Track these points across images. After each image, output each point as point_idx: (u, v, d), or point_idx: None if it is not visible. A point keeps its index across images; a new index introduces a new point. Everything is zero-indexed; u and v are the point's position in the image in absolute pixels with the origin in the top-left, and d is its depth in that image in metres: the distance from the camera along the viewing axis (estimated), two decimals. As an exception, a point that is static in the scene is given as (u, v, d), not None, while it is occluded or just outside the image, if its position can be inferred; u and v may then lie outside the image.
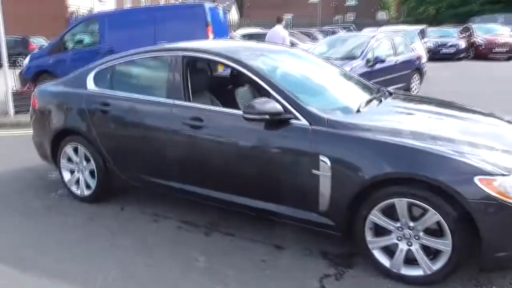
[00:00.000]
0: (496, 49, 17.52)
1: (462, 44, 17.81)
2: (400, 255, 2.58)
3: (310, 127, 2.72)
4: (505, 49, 17.50)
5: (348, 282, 2.66)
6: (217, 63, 3.68)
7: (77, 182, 3.95)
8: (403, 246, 2.57)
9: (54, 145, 3.97)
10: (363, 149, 2.57)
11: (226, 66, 3.37)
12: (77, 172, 3.93)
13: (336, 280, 2.68)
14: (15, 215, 3.76)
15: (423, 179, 2.37)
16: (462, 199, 2.31)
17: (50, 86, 4.22)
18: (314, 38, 17.43)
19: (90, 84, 3.79)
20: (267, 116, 2.74)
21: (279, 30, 8.70)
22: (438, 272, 2.50)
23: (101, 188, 3.81)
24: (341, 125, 2.70)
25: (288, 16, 41.55)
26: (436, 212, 2.39)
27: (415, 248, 2.54)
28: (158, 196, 3.91)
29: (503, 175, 2.31)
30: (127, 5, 40.85)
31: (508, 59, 17.56)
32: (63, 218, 3.65)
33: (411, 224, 2.51)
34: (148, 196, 3.97)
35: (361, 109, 2.99)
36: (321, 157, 2.64)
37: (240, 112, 2.95)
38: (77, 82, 3.89)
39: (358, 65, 7.49)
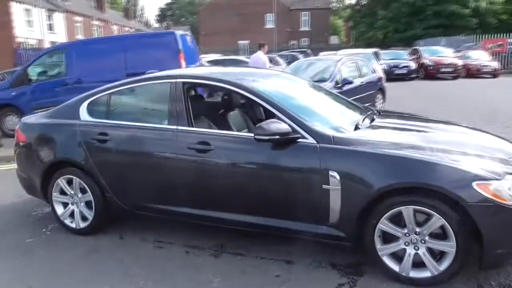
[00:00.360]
0: (443, 69, 18.80)
1: (413, 65, 19.02)
2: (408, 259, 2.77)
3: (318, 144, 2.89)
4: (451, 69, 18.82)
5: (366, 286, 2.81)
6: (218, 88, 3.81)
7: (71, 215, 3.88)
8: (410, 250, 2.77)
9: (45, 178, 3.89)
10: (370, 162, 2.77)
11: (228, 91, 3.52)
12: (71, 204, 3.86)
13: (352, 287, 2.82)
14: (11, 254, 3.61)
15: (430, 188, 2.59)
16: (464, 203, 2.54)
17: (36, 118, 4.15)
18: (276, 63, 17.95)
19: (84, 115, 3.79)
20: (277, 137, 2.89)
21: (260, 55, 9.16)
22: (444, 273, 2.70)
23: (99, 219, 3.77)
24: (346, 141, 2.91)
25: (245, 42, 42.63)
26: (441, 217, 2.61)
27: (422, 251, 2.74)
28: (156, 222, 3.91)
29: (496, 179, 2.58)
30: (79, 35, 40.36)
31: (454, 78, 18.89)
32: (64, 253, 3.56)
33: (417, 229, 2.72)
34: (145, 224, 3.96)
35: (359, 127, 3.21)
36: (331, 172, 2.81)
37: (248, 134, 3.10)
38: (68, 113, 3.88)
39: (328, 87, 7.82)
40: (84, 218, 3.82)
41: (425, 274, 2.75)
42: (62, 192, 3.88)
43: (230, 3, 46.13)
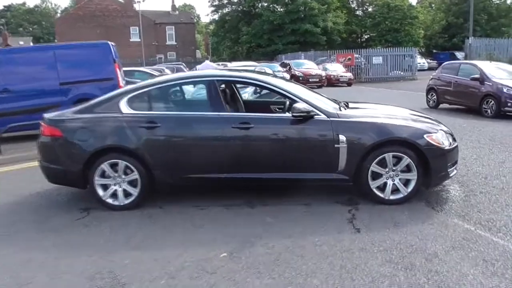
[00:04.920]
0: (311, 79, 22.11)
1: (287, 76, 21.80)
2: (389, 188, 4.40)
3: (329, 119, 4.35)
4: (317, 79, 22.27)
5: (365, 209, 4.34)
6: (248, 84, 5.00)
7: (113, 195, 4.56)
8: (390, 182, 4.41)
9: (86, 165, 4.50)
10: (364, 128, 4.34)
11: (257, 86, 4.72)
12: (114, 185, 4.55)
13: (357, 210, 4.33)
14: (72, 229, 4.19)
15: (401, 139, 4.28)
16: (420, 147, 4.28)
17: (67, 114, 4.69)
18: (164, 74, 18.85)
19: (124, 108, 4.54)
20: (305, 114, 4.26)
21: (209, 62, 10.70)
22: (410, 193, 4.40)
23: (143, 194, 4.55)
24: (346, 116, 4.44)
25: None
26: (408, 157, 4.30)
27: (397, 182, 4.40)
28: (186, 192, 4.87)
29: (435, 132, 4.40)
30: None
31: (319, 87, 22.34)
32: (125, 222, 4.27)
33: (394, 168, 4.37)
34: (175, 196, 4.87)
35: (342, 109, 4.75)
36: (340, 136, 4.28)
37: (277, 115, 4.39)
38: (108, 108, 4.57)
39: (249, 93, 9.41)
40: (127, 195, 4.55)
41: (399, 195, 4.42)
42: (104, 176, 4.53)
43: (91, 15, 44.56)
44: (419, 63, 33.17)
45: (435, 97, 12.37)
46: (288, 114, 4.43)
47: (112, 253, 3.60)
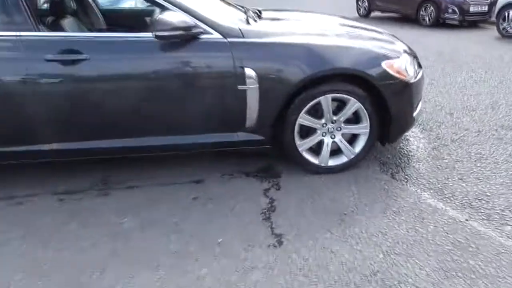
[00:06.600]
0: None
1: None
2: (326, 150, 2.77)
3: (226, 40, 2.45)
4: None
5: (289, 187, 2.70)
6: None
7: None
8: (328, 140, 2.76)
9: None
10: (287, 53, 2.52)
11: None
12: None
13: (278, 190, 2.67)
14: None
15: (347, 71, 2.55)
16: (375, 82, 2.60)
17: None
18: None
19: None
20: (181, 32, 2.32)
21: None
22: (359, 154, 2.81)
23: None
24: (257, 33, 2.56)
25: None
26: (356, 100, 2.63)
27: (338, 138, 2.77)
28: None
29: (397, 57, 2.72)
30: None
31: None
32: None
33: (334, 118, 2.70)
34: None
35: (251, 21, 2.85)
36: (246, 70, 2.45)
37: (134, 35, 2.41)
38: None
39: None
40: None
41: (342, 160, 2.82)
42: None
43: None
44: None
45: (366, 3, 10.71)
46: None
47: None
